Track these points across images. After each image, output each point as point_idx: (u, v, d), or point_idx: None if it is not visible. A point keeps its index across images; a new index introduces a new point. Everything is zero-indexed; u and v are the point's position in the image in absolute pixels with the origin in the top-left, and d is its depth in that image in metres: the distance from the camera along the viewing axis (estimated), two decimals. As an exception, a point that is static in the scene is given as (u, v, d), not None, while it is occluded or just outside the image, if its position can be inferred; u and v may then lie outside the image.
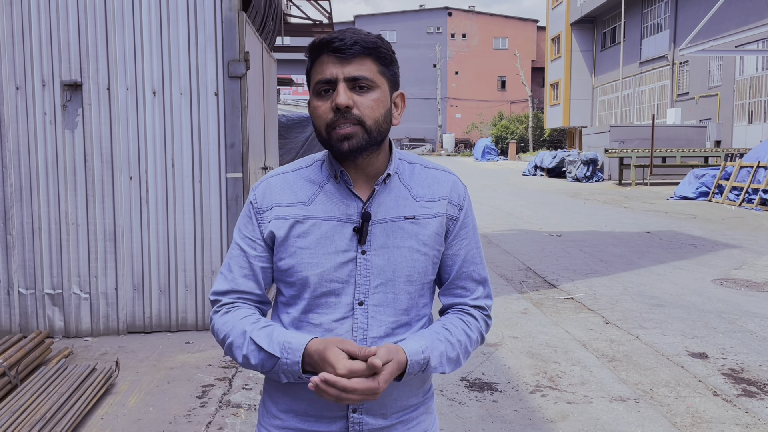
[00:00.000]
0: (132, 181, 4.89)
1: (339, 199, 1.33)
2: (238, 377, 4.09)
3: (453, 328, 1.36)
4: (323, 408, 1.33)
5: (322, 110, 1.27)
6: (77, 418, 3.31)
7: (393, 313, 1.33)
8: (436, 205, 1.36)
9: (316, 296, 1.31)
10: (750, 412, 3.67)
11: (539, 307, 6.04)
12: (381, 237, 1.32)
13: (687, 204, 15.70)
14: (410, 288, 1.34)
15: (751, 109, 23.97)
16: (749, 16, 22.63)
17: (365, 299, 1.31)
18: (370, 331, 1.31)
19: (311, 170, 1.37)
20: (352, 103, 1.25)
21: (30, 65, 4.76)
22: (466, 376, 4.21)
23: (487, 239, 10.12)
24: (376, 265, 1.31)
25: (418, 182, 1.37)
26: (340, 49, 1.25)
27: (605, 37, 37.64)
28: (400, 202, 1.34)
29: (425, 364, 1.27)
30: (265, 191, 1.36)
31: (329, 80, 1.26)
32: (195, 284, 4.98)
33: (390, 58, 1.32)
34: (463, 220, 1.40)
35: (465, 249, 1.41)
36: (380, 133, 1.29)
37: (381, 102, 1.29)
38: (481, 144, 42.51)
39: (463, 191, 1.41)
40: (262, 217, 1.35)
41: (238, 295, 1.37)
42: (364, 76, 1.26)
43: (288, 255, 1.32)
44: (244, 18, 4.91)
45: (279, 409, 1.38)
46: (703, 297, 6.35)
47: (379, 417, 1.35)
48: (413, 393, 1.39)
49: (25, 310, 4.88)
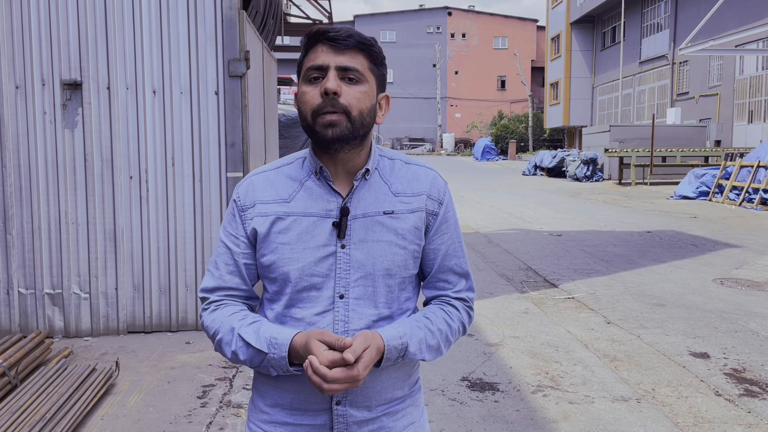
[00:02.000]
0: (132, 180, 4.88)
1: (319, 195, 1.35)
2: (238, 377, 4.07)
3: (433, 317, 1.39)
4: (308, 401, 1.36)
5: (310, 95, 1.30)
6: (77, 418, 3.29)
7: (374, 306, 1.36)
8: (415, 200, 1.39)
9: (298, 290, 1.34)
10: (752, 411, 3.66)
11: (540, 306, 6.03)
12: (360, 231, 1.34)
13: (687, 203, 15.69)
14: (390, 281, 1.36)
15: (751, 108, 23.96)
16: (749, 16, 22.62)
17: (346, 293, 1.34)
18: (351, 324, 1.34)
19: (292, 167, 1.41)
20: (340, 90, 1.28)
21: (30, 64, 4.74)
22: (467, 375, 4.20)
23: (488, 239, 10.11)
24: (356, 259, 1.34)
25: (398, 178, 1.40)
26: (335, 38, 1.29)
27: (605, 37, 37.63)
28: (379, 197, 1.37)
29: (404, 349, 1.30)
30: (247, 189, 1.39)
31: (320, 66, 1.29)
32: (195, 284, 4.96)
33: (381, 59, 1.36)
34: (443, 214, 1.42)
35: (446, 243, 1.43)
36: (363, 126, 1.31)
37: (368, 96, 1.32)
38: (480, 144, 42.49)
39: (443, 186, 1.44)
40: (245, 214, 1.38)
41: (225, 292, 1.41)
42: (355, 68, 1.29)
43: (270, 251, 1.35)
44: (244, 17, 4.90)
45: (266, 404, 1.40)
46: (704, 296, 6.34)
47: (364, 409, 1.37)
48: (398, 386, 1.41)
49: (25, 309, 4.87)
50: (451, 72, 58.28)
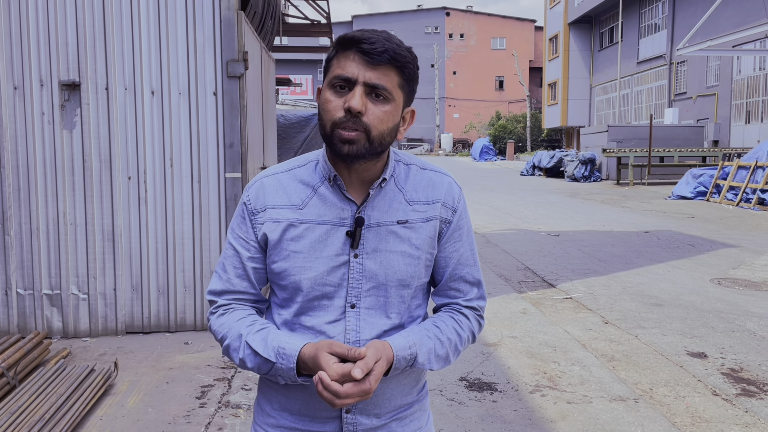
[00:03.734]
0: (130, 181, 4.88)
1: (332, 203, 1.32)
2: (237, 378, 4.08)
3: (443, 326, 1.37)
4: (317, 408, 1.34)
5: (333, 106, 1.25)
6: (76, 418, 3.30)
7: (385, 316, 1.34)
8: (430, 209, 1.36)
9: (309, 299, 1.32)
10: (749, 411, 3.67)
11: (538, 306, 6.04)
12: (373, 241, 1.32)
13: (685, 204, 15.72)
14: (402, 292, 1.34)
15: (748, 108, 23.99)
16: (746, 17, 22.66)
17: (357, 302, 1.32)
18: (362, 334, 1.32)
19: (305, 171, 1.36)
20: (364, 110, 1.23)
21: (28, 65, 4.74)
22: (465, 376, 4.21)
23: (486, 239, 10.12)
24: (369, 268, 1.32)
25: (413, 185, 1.37)
26: (369, 52, 1.23)
27: (603, 37, 37.66)
28: (393, 206, 1.34)
29: (412, 359, 1.28)
30: (258, 192, 1.35)
31: (348, 79, 1.23)
32: (194, 284, 4.97)
33: (414, 75, 1.30)
34: (456, 222, 1.39)
35: (458, 251, 1.41)
36: (382, 145, 1.28)
37: (391, 116, 1.27)
38: (479, 144, 42.49)
39: (458, 194, 1.41)
40: (255, 218, 1.34)
41: (233, 295, 1.38)
42: (384, 86, 1.24)
43: (281, 258, 1.32)
44: (242, 18, 4.91)
45: (273, 408, 1.39)
46: (701, 296, 6.35)
47: (373, 417, 1.36)
48: (407, 392, 1.40)
49: (24, 310, 4.87)
50: (449, 72, 58.29)
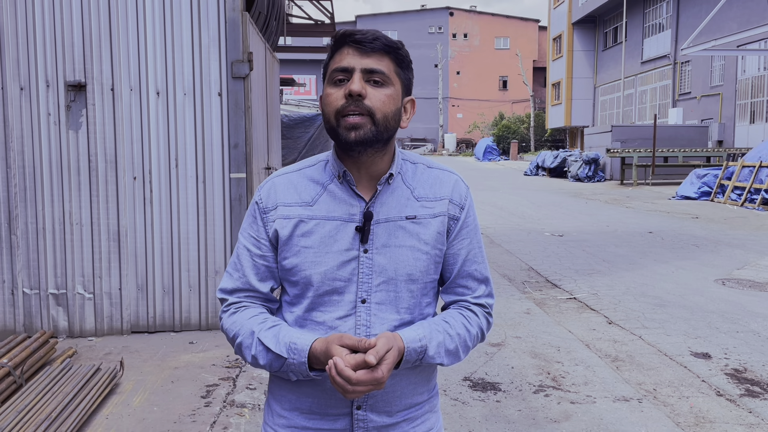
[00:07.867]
0: (136, 181, 4.90)
1: (342, 199, 1.35)
2: (242, 377, 4.10)
3: (453, 321, 1.38)
4: (328, 405, 1.35)
5: (334, 97, 1.29)
6: (82, 417, 3.32)
7: (395, 311, 1.35)
8: (438, 205, 1.38)
9: (320, 294, 1.34)
10: (753, 412, 3.67)
11: (542, 307, 6.04)
12: (383, 236, 1.34)
13: (689, 204, 15.68)
14: (412, 286, 1.36)
15: (753, 108, 23.93)
16: (751, 16, 22.60)
17: (368, 297, 1.34)
18: (372, 329, 1.34)
19: (315, 170, 1.39)
20: (365, 92, 1.27)
21: (34, 66, 4.77)
22: (469, 375, 4.22)
23: (490, 239, 10.12)
24: (378, 263, 1.33)
25: (421, 182, 1.39)
26: (361, 41, 1.28)
27: (607, 37, 37.59)
28: (402, 202, 1.36)
29: (422, 352, 1.29)
30: (269, 191, 1.38)
31: (346, 68, 1.28)
32: (199, 284, 4.99)
33: (407, 62, 1.35)
34: (464, 219, 1.41)
35: (466, 248, 1.42)
36: (387, 129, 1.30)
37: (393, 99, 1.31)
38: (482, 144, 42.48)
39: (465, 191, 1.43)
40: (267, 216, 1.37)
41: (245, 294, 1.40)
42: (381, 71, 1.29)
43: (292, 254, 1.34)
44: (247, 18, 4.92)
45: (283, 408, 1.39)
46: (705, 297, 6.35)
47: (384, 414, 1.36)
48: (418, 391, 1.41)
49: (30, 310, 4.90)
50: (453, 72, 58.24)
